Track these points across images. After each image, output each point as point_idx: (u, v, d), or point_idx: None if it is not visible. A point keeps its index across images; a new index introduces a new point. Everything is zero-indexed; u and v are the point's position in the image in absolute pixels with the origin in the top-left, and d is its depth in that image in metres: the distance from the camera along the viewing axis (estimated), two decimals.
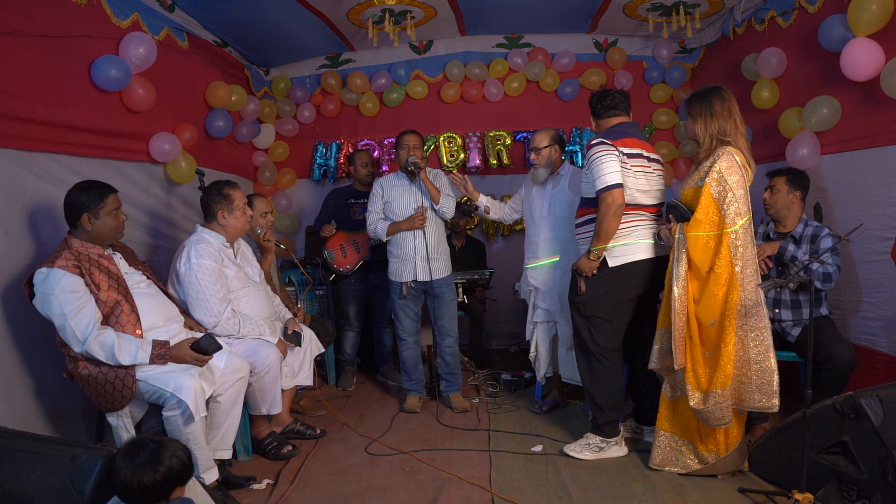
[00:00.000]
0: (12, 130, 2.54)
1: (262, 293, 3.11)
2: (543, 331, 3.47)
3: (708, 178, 2.46)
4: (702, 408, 2.45)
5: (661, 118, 5.08)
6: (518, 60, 5.03)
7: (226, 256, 2.95)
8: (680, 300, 2.50)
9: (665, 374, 2.67)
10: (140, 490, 1.69)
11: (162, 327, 2.55)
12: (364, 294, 4.19)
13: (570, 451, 2.86)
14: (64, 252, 2.38)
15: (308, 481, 2.69)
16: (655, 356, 2.65)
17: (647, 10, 4.32)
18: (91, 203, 2.44)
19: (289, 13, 4.05)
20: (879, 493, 2.05)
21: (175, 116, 3.71)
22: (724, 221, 2.43)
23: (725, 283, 2.43)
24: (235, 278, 2.96)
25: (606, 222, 2.70)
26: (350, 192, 4.28)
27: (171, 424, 2.34)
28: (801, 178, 3.06)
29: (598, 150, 2.75)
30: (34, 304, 2.33)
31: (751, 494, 2.42)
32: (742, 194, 2.43)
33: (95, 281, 2.39)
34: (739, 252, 2.42)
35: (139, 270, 2.65)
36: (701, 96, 2.59)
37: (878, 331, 3.02)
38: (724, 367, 2.41)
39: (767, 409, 2.43)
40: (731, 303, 2.42)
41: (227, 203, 2.96)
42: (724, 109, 2.53)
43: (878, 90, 2.86)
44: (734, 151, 2.48)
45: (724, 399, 2.41)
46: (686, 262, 2.51)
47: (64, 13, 2.84)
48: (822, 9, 3.28)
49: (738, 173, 2.44)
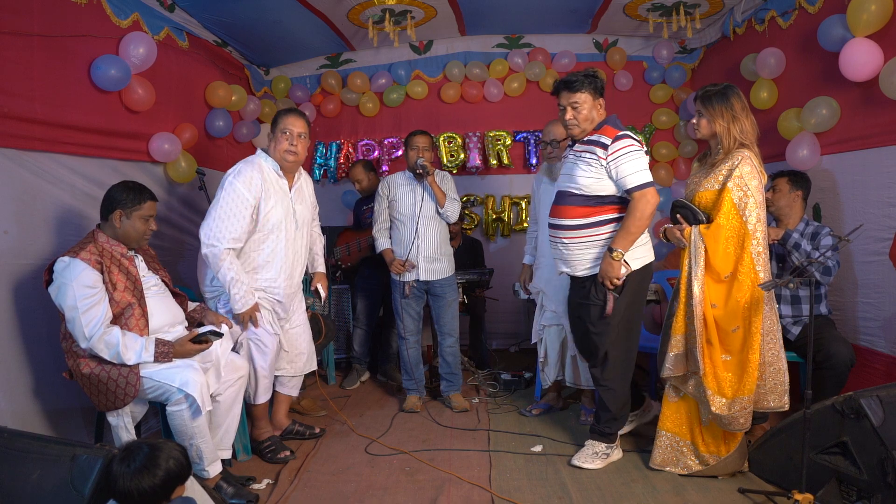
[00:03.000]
0: (12, 130, 2.54)
1: (303, 240, 2.99)
2: (553, 334, 3.38)
3: (730, 183, 2.43)
4: (726, 413, 2.43)
5: (661, 118, 5.08)
6: (518, 60, 5.03)
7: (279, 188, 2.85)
8: (700, 305, 2.48)
9: (677, 382, 2.62)
10: (140, 495, 1.69)
11: (167, 331, 2.56)
12: (373, 291, 4.19)
13: (582, 464, 2.74)
14: (89, 245, 2.39)
15: (308, 481, 2.68)
16: (670, 363, 2.57)
17: (647, 11, 4.32)
18: (128, 202, 2.47)
19: (289, 13, 4.05)
20: (879, 493, 2.05)
21: (175, 116, 3.72)
22: (746, 227, 2.41)
23: (748, 290, 2.42)
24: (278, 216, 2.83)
25: (643, 222, 2.55)
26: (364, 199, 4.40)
27: (177, 419, 2.35)
28: (802, 179, 3.11)
29: (628, 143, 2.57)
30: (49, 291, 2.34)
31: (751, 495, 2.42)
32: (762, 200, 2.43)
33: (113, 280, 2.40)
34: (761, 259, 2.42)
35: (157, 275, 2.65)
36: (721, 95, 2.53)
37: (877, 331, 3.02)
38: (752, 373, 2.41)
39: (780, 409, 2.47)
40: (756, 309, 2.41)
41: (274, 125, 2.88)
42: (743, 109, 2.51)
43: (877, 91, 2.86)
44: (752, 155, 2.46)
45: (750, 405, 2.42)
46: (703, 266, 2.48)
47: (64, 13, 2.84)
48: (822, 9, 3.28)
49: (757, 178, 2.43)
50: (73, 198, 2.88)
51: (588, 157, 2.63)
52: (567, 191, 2.71)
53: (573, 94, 2.66)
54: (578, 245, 2.69)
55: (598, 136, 2.65)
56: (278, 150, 2.84)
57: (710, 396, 2.45)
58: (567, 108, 2.69)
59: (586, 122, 2.68)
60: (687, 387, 2.58)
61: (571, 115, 2.68)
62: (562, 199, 2.74)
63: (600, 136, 2.63)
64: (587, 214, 2.66)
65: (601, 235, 2.66)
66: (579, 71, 2.72)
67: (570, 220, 2.68)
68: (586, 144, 2.68)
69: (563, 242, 2.72)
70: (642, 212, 2.54)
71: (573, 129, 2.71)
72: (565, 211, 2.71)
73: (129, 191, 2.50)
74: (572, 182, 2.67)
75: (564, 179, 2.75)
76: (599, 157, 2.60)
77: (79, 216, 2.89)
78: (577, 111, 2.67)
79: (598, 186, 2.62)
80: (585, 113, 2.67)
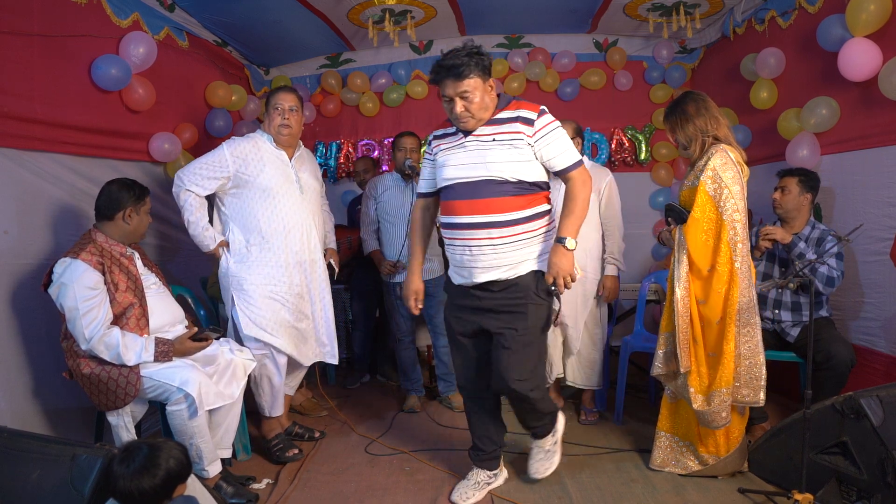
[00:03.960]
0: (12, 130, 2.54)
1: (310, 206, 2.96)
2: (553, 332, 3.37)
3: (703, 176, 2.46)
4: (705, 409, 2.44)
5: (661, 118, 5.04)
6: (518, 60, 5.03)
7: (275, 157, 2.87)
8: (682, 302, 2.49)
9: (667, 380, 2.65)
10: (141, 495, 1.70)
11: (167, 331, 2.56)
12: (368, 293, 4.19)
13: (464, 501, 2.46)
14: (88, 245, 2.39)
15: (308, 481, 2.69)
16: (660, 361, 2.61)
17: (647, 11, 4.32)
18: (134, 198, 2.51)
19: (289, 13, 4.04)
20: (879, 493, 2.05)
21: (175, 116, 3.71)
22: (722, 218, 2.43)
23: (727, 281, 2.43)
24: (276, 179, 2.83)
25: (588, 203, 2.28)
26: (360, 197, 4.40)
27: (177, 419, 2.35)
28: (812, 180, 3.04)
29: (551, 118, 2.26)
30: (49, 293, 2.34)
31: (751, 495, 2.42)
32: (738, 191, 2.43)
33: (115, 280, 2.40)
34: (738, 248, 2.42)
35: (152, 273, 2.66)
36: (672, 107, 2.62)
37: (877, 331, 3.02)
38: (727, 365, 2.41)
39: (754, 404, 2.46)
40: (732, 300, 2.42)
41: (267, 104, 2.91)
42: (698, 109, 2.54)
43: (877, 90, 2.86)
44: (728, 149, 2.49)
45: (728, 397, 2.42)
46: (687, 264, 2.51)
47: (64, 13, 2.84)
48: (822, 9, 3.28)
49: (732, 169, 2.44)
50: (72, 198, 2.88)
51: (510, 138, 2.23)
52: (485, 180, 2.24)
53: (460, 81, 2.17)
54: (516, 244, 2.26)
55: (516, 112, 2.26)
56: (273, 126, 2.88)
57: (693, 395, 2.46)
58: (456, 100, 2.21)
59: (482, 111, 2.24)
60: (676, 385, 2.59)
61: (462, 108, 2.21)
62: (479, 191, 2.25)
63: (520, 110, 2.26)
64: (524, 206, 2.26)
65: (540, 229, 2.32)
66: (458, 49, 2.20)
67: (505, 214, 2.23)
68: (501, 124, 2.27)
69: (492, 244, 2.25)
70: (586, 191, 2.27)
71: (466, 122, 2.25)
72: (493, 204, 2.23)
73: (130, 188, 2.52)
74: (494, 170, 2.23)
75: (474, 169, 2.26)
76: (526, 134, 2.22)
77: (78, 216, 2.89)
78: (468, 101, 2.20)
79: (529, 171, 2.25)
80: (479, 101, 2.21)
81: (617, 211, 3.33)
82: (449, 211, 2.35)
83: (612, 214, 3.32)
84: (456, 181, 2.31)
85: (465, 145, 2.30)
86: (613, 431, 3.20)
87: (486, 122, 2.27)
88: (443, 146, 2.38)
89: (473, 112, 2.23)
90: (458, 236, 2.32)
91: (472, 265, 2.31)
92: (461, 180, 2.29)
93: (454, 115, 2.25)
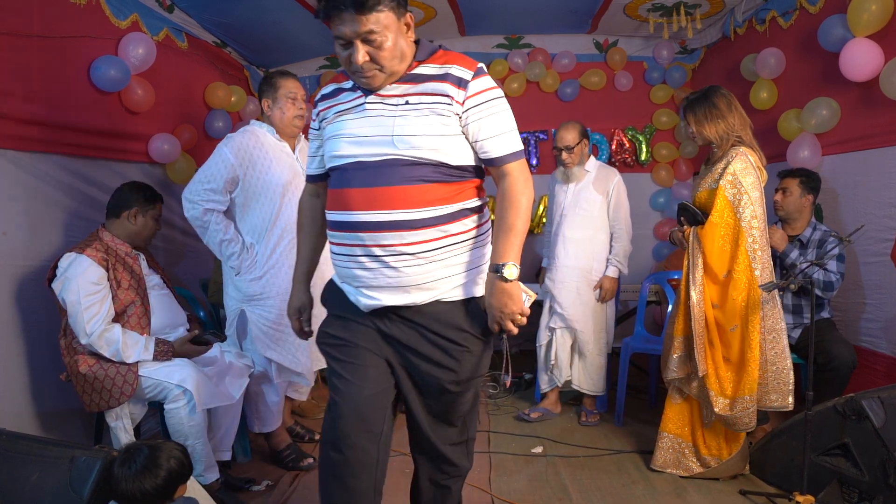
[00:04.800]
0: (10, 131, 2.53)
1: None
2: (563, 336, 3.38)
3: (722, 181, 2.44)
4: (728, 414, 2.42)
5: (661, 119, 5.07)
6: (518, 61, 5.02)
7: (280, 151, 2.71)
8: (699, 305, 2.47)
9: (682, 384, 2.62)
10: (143, 497, 1.69)
11: (168, 333, 2.56)
12: None
13: None
14: (94, 242, 2.43)
15: (307, 483, 2.68)
16: (675, 365, 2.58)
17: (647, 11, 4.32)
18: (143, 201, 2.55)
19: (288, 13, 4.04)
20: (881, 494, 2.05)
21: (174, 117, 3.71)
22: (740, 225, 2.41)
23: (745, 288, 2.41)
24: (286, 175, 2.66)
25: (530, 212, 1.61)
26: None
27: (174, 418, 2.34)
28: (814, 181, 3.03)
29: (493, 84, 1.62)
30: (53, 287, 2.36)
31: (752, 496, 2.41)
32: (758, 196, 2.42)
33: (118, 278, 2.42)
34: (758, 256, 2.41)
35: (157, 274, 2.67)
36: (702, 99, 2.56)
37: (878, 332, 3.01)
38: (752, 372, 2.40)
39: (783, 408, 2.44)
40: (753, 307, 2.40)
41: (273, 91, 2.72)
42: (729, 106, 2.52)
43: (878, 91, 2.85)
44: (748, 152, 2.46)
45: (752, 404, 2.41)
46: (702, 266, 2.48)
47: (63, 13, 2.83)
48: (823, 9, 3.28)
49: (753, 175, 2.42)
50: (71, 199, 2.87)
51: (430, 101, 1.54)
52: (391, 160, 1.53)
53: (365, 15, 1.44)
54: (432, 254, 1.56)
55: (443, 67, 1.56)
56: (286, 118, 2.69)
57: (714, 398, 2.44)
58: (356, 45, 1.48)
59: (394, 62, 1.53)
60: (691, 388, 2.58)
61: (366, 56, 1.49)
62: (381, 177, 1.54)
63: (449, 66, 1.56)
64: (446, 199, 1.57)
65: (468, 232, 1.63)
66: None
67: (417, 210, 1.53)
68: (420, 82, 1.56)
69: (397, 253, 1.54)
70: (529, 193, 1.61)
71: (372, 77, 1.53)
72: (401, 196, 1.53)
73: (142, 190, 2.58)
74: (403, 147, 1.52)
75: (375, 145, 1.55)
76: (455, 99, 1.54)
77: (78, 217, 2.88)
78: (375, 46, 1.48)
79: (455, 150, 1.57)
80: (390, 46, 1.50)
81: (626, 213, 3.32)
82: (337, 204, 1.62)
83: (621, 217, 3.31)
84: (348, 160, 1.59)
85: (364, 109, 1.58)
86: (614, 433, 3.20)
87: (398, 78, 1.57)
88: (334, 108, 1.65)
89: (382, 62, 1.51)
90: (349, 241, 1.59)
91: (371, 282, 1.59)
92: (356, 159, 1.57)
93: (353, 66, 1.52)
